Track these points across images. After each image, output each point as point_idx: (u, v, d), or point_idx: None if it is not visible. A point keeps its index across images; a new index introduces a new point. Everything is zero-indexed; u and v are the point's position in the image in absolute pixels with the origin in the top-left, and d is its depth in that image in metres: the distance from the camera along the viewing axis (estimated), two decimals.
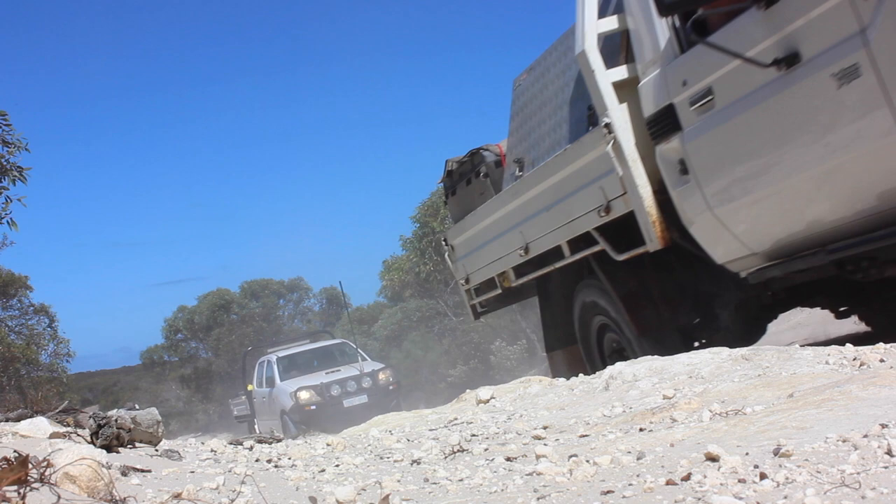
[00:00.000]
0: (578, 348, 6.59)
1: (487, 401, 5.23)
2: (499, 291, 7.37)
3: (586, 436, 3.30)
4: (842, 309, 5.62)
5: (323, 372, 17.69)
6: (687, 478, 2.26)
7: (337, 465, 3.33)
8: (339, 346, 20.32)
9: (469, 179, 7.61)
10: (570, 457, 2.74)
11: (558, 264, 6.20)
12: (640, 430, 3.19)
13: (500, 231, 6.84)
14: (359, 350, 18.87)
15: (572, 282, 6.45)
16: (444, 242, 8.19)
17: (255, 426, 18.71)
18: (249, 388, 19.52)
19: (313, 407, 16.70)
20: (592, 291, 6.12)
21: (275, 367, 18.40)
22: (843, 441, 2.33)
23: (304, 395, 16.87)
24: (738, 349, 4.48)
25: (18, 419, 4.17)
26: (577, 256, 5.92)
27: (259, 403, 18.90)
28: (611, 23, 5.21)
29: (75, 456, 2.40)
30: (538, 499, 2.32)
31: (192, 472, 3.25)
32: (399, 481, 2.83)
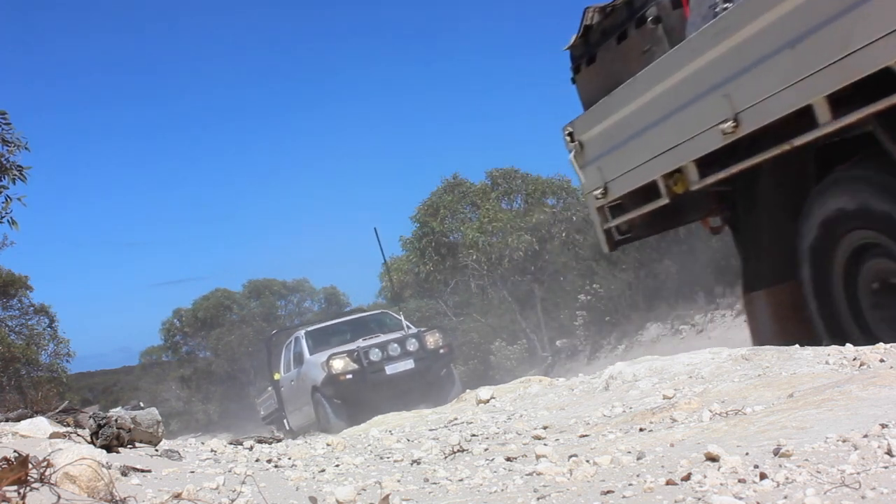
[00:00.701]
0: (796, 288, 4.74)
1: (487, 401, 5.23)
2: (663, 202, 5.09)
3: (586, 436, 3.31)
4: None
5: (360, 339, 14.59)
6: (687, 478, 2.26)
7: (337, 465, 3.32)
8: (377, 316, 16.94)
9: (624, 32, 5.35)
10: (570, 457, 2.74)
11: (798, 141, 4.08)
12: (640, 430, 3.19)
13: (681, 102, 4.69)
14: (402, 317, 15.50)
15: (799, 183, 4.56)
16: (567, 138, 5.81)
17: (286, 421, 15.75)
18: (276, 376, 16.24)
19: (349, 376, 13.48)
20: (854, 191, 4.19)
21: (303, 342, 15.22)
22: (843, 441, 2.34)
23: (337, 364, 13.65)
24: (737, 349, 4.48)
25: (18, 419, 4.17)
26: (850, 119, 3.80)
27: (287, 391, 15.74)
28: None
29: (75, 456, 2.40)
30: (538, 499, 2.32)
31: (192, 472, 3.24)
32: (399, 481, 2.83)
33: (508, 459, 2.97)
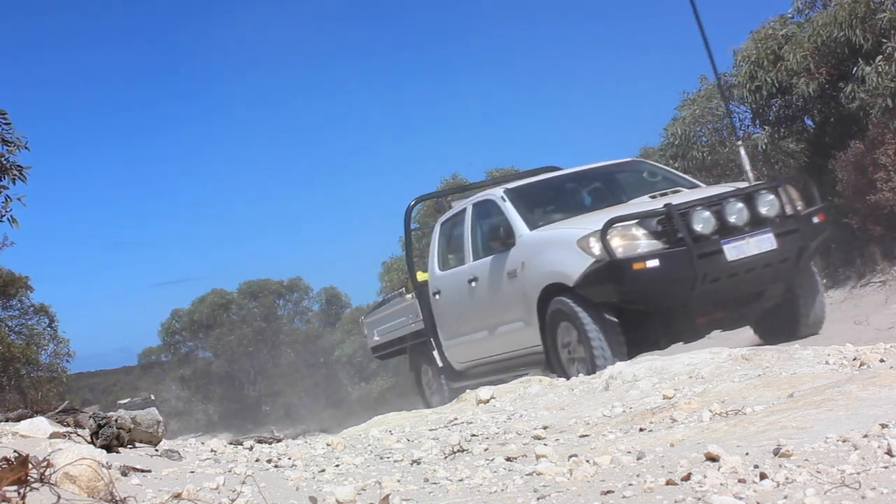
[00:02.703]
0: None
1: (487, 401, 5.23)
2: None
3: (586, 436, 3.31)
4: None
5: (644, 198, 7.52)
6: (687, 478, 2.26)
7: (337, 465, 3.32)
8: (631, 165, 8.90)
9: None
10: (570, 457, 2.74)
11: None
12: (640, 430, 3.19)
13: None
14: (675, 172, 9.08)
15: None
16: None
17: (439, 355, 8.97)
18: (422, 277, 9.46)
19: (655, 263, 6.42)
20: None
21: (508, 208, 7.83)
22: (843, 441, 2.34)
23: (627, 241, 6.53)
24: (737, 349, 4.48)
25: (18, 419, 4.17)
26: None
27: (452, 302, 8.67)
28: None
29: (75, 456, 2.40)
30: (538, 499, 2.32)
31: (192, 472, 3.24)
32: (399, 481, 2.83)
33: (508, 459, 2.97)
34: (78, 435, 3.74)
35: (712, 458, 2.37)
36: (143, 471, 3.08)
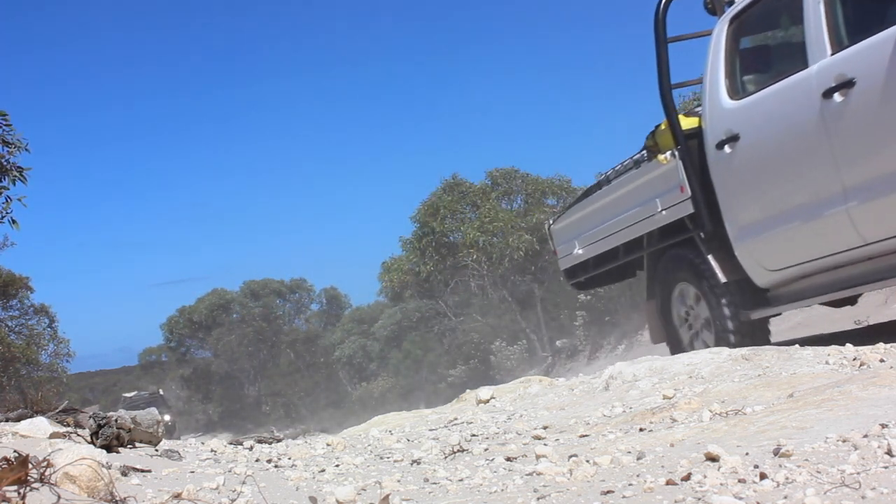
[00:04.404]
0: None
1: (487, 401, 5.23)
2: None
3: (586, 436, 3.31)
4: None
5: None
6: (687, 478, 2.26)
7: (337, 465, 3.32)
8: None
9: None
10: (570, 457, 2.74)
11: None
12: (640, 430, 3.19)
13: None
14: None
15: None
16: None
17: (718, 262, 5.40)
18: (686, 123, 5.60)
19: None
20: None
21: None
22: (843, 441, 2.34)
23: None
24: (738, 349, 4.48)
25: (18, 419, 4.17)
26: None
27: (781, 144, 4.77)
28: None
29: (75, 456, 2.40)
30: (538, 499, 2.32)
31: (192, 472, 3.24)
32: (399, 481, 2.83)
33: (508, 459, 2.97)
34: (78, 435, 3.74)
35: (712, 458, 2.37)
36: (143, 471, 3.08)
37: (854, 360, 3.72)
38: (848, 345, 4.12)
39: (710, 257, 5.41)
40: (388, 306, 32.73)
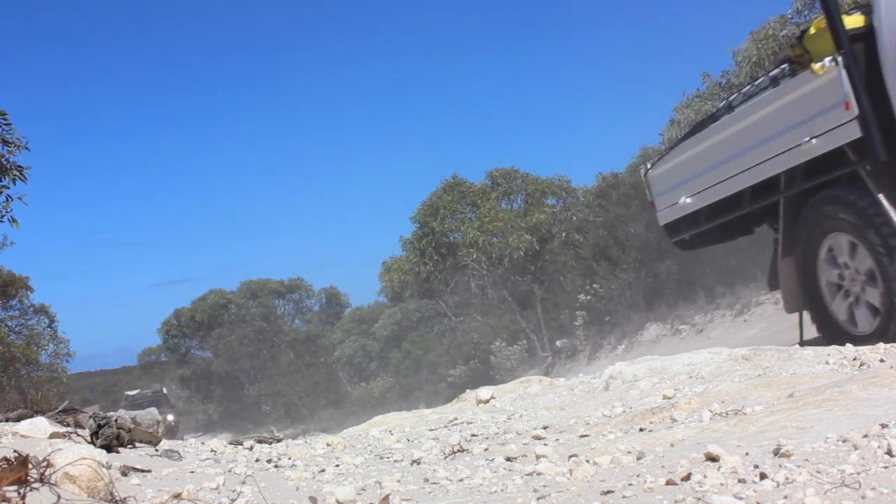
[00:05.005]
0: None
1: (487, 401, 5.23)
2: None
3: (586, 436, 3.31)
4: None
5: None
6: (687, 478, 2.26)
7: (337, 465, 3.32)
8: None
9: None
10: (570, 457, 2.74)
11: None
12: (640, 430, 3.19)
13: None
14: None
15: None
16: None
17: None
18: (851, 23, 4.43)
19: None
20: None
21: None
22: (843, 441, 2.34)
23: None
24: (737, 349, 4.48)
25: (18, 419, 4.17)
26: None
27: None
28: None
29: (75, 456, 2.40)
30: (538, 499, 2.32)
31: (192, 472, 3.24)
32: (399, 481, 2.83)
33: (508, 459, 2.97)
34: (78, 435, 3.74)
35: (712, 458, 2.37)
36: (143, 471, 3.08)
37: (854, 360, 3.72)
38: (848, 345, 4.12)
39: (881, 197, 4.15)
40: (388, 306, 32.73)
